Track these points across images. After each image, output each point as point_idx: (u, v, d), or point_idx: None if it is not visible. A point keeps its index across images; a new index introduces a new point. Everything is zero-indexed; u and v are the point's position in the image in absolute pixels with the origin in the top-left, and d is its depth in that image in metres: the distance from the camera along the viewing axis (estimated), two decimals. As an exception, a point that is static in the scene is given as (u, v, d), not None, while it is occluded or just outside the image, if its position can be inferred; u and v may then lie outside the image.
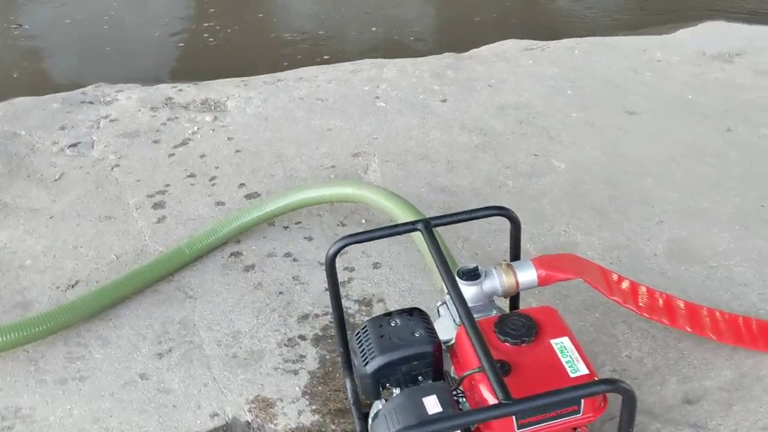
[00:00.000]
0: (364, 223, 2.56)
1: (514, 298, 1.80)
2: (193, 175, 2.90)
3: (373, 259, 2.41)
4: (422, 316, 1.61)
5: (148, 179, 2.88)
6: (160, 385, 2.00)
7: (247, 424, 1.89)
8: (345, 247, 1.66)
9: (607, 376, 1.90)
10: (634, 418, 1.34)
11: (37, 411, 1.94)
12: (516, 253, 1.78)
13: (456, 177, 2.81)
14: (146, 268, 2.32)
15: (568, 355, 1.46)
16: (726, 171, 2.80)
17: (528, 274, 1.70)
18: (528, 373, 1.43)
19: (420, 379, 1.55)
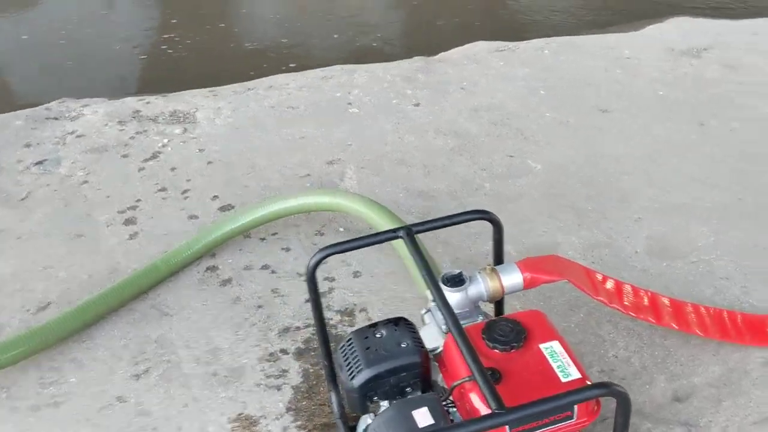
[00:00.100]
0: (342, 232, 2.51)
1: (498, 302, 1.78)
2: (165, 189, 2.83)
3: (353, 268, 2.37)
4: (408, 325, 1.57)
5: (118, 195, 2.80)
6: (139, 408, 1.93)
7: (231, 443, 1.83)
8: (326, 258, 1.63)
9: (596, 378, 1.88)
10: (629, 421, 1.32)
11: (10, 441, 1.87)
12: (499, 257, 1.76)
13: (433, 181, 2.78)
14: (120, 287, 2.25)
15: (559, 360, 1.43)
16: (701, 165, 2.81)
17: (513, 277, 1.67)
18: (519, 380, 1.40)
19: (408, 390, 1.52)
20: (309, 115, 3.29)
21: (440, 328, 1.67)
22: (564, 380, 1.39)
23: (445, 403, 1.43)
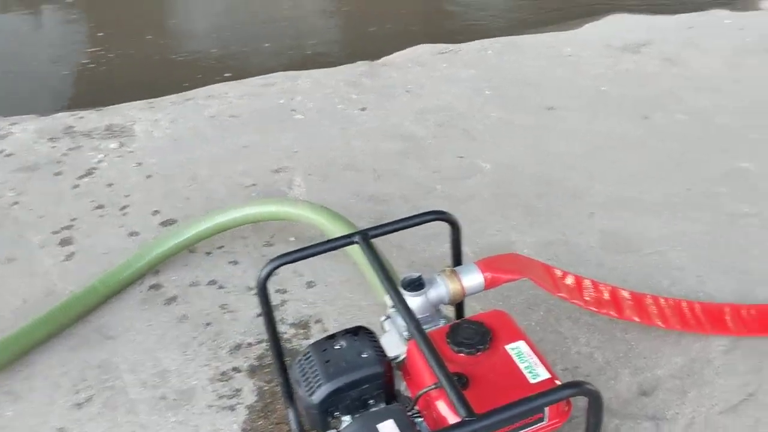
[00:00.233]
0: (293, 241, 2.42)
1: (459, 304, 1.72)
2: (102, 206, 2.69)
3: (306, 278, 2.28)
4: (368, 334, 1.50)
5: (52, 214, 2.65)
6: (82, 439, 1.80)
7: (184, 471, 1.72)
8: (277, 269, 1.54)
9: (561, 376, 1.83)
10: (602, 420, 1.27)
11: (-60, 485, 1.71)
12: (458, 258, 1.70)
13: (384, 185, 2.72)
14: (57, 311, 2.11)
15: (526, 360, 1.38)
16: (648, 158, 2.82)
17: (474, 278, 1.62)
18: (487, 384, 1.34)
19: (371, 402, 1.44)
20: (252, 123, 3.19)
21: (401, 335, 1.60)
22: (533, 381, 1.34)
23: (410, 414, 1.36)
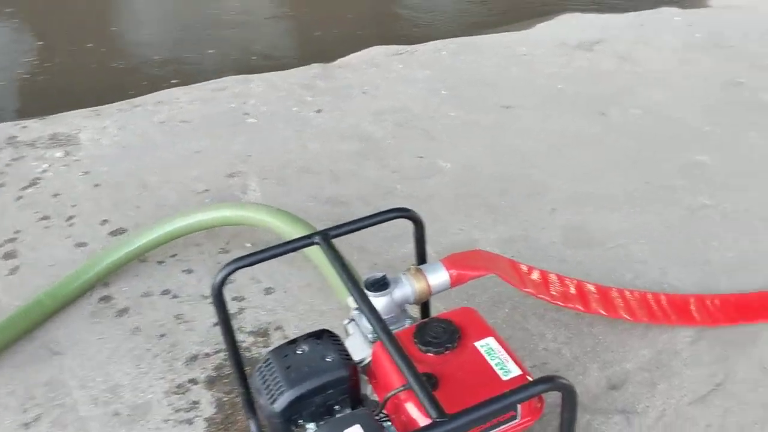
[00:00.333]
0: (250, 247, 2.34)
1: (424, 304, 1.67)
2: (47, 217, 2.56)
3: (264, 285, 2.20)
4: (332, 337, 1.43)
5: (-7, 227, 2.52)
6: (29, 462, 1.69)
7: (140, 491, 1.63)
8: (233, 273, 1.47)
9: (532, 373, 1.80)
10: (576, 415, 1.23)
11: None
12: (422, 256, 1.65)
13: (342, 187, 2.66)
14: (1, 327, 1.99)
15: (497, 357, 1.33)
16: (606, 153, 2.82)
17: (439, 276, 1.57)
18: (457, 383, 1.29)
19: (337, 408, 1.37)
20: (203, 128, 3.09)
21: (366, 338, 1.54)
22: (505, 378, 1.29)
23: (378, 418, 1.30)
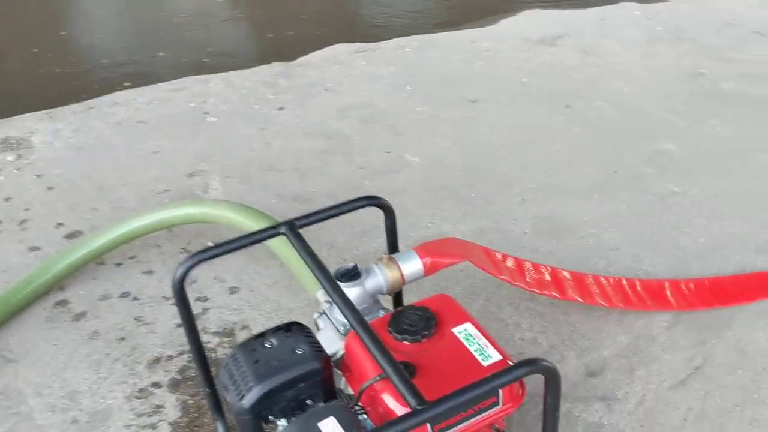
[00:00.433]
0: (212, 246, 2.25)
1: (397, 295, 1.61)
2: (-2, 222, 2.44)
3: (228, 284, 2.12)
4: (302, 329, 1.36)
5: (-61, 234, 2.38)
6: (-20, 477, 1.58)
7: (101, 502, 1.53)
8: (195, 266, 1.39)
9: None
10: (560, 399, 1.18)
11: None
12: (394, 245, 1.59)
13: (308, 184, 2.58)
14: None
15: (475, 343, 1.28)
16: (573, 145, 2.81)
17: (413, 264, 1.51)
18: (436, 371, 1.23)
19: (309, 403, 1.30)
20: (162, 129, 2.99)
21: (338, 330, 1.48)
22: (485, 364, 1.23)
23: (353, 411, 1.23)
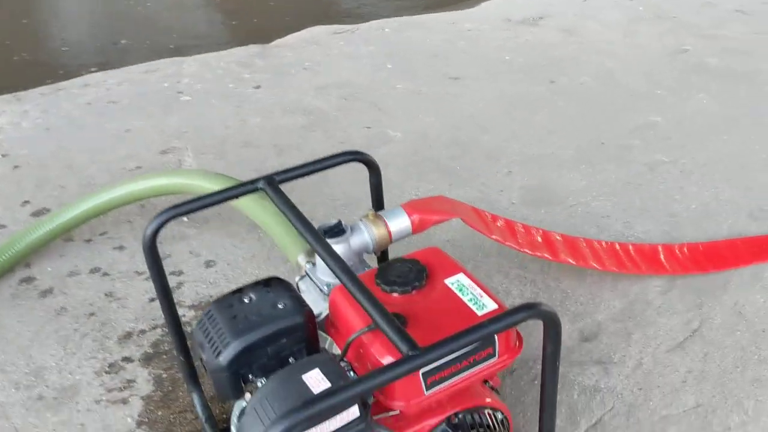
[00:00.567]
0: (187, 222, 2.15)
1: (383, 254, 1.53)
2: (-40, 201, 2.32)
3: (204, 258, 2.02)
4: (283, 284, 1.27)
5: None
6: (-63, 458, 1.46)
7: (68, 480, 1.42)
8: (168, 222, 1.30)
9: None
10: (560, 346, 1.11)
11: None
12: (380, 202, 1.51)
13: (287, 159, 2.49)
14: None
15: (469, 293, 1.20)
16: (559, 117, 2.74)
17: (400, 221, 1.43)
18: (428, 322, 1.14)
19: (291, 361, 1.21)
20: (134, 108, 2.88)
21: (321, 291, 1.39)
22: (480, 313, 1.15)
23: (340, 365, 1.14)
